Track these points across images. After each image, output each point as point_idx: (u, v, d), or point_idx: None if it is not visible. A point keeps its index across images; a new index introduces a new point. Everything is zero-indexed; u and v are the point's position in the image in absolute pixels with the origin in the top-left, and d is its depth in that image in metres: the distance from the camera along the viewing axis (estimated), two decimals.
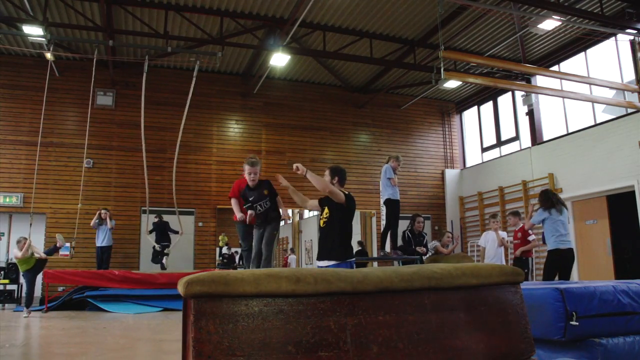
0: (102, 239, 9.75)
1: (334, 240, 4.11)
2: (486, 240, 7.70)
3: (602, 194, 9.87)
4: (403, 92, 13.82)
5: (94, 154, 11.17)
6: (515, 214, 7.70)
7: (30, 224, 8.24)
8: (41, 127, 8.79)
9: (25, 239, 8.01)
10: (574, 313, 2.89)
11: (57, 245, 8.79)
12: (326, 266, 4.04)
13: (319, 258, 4.22)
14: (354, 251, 13.59)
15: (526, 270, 7.48)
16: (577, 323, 2.87)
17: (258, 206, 5.23)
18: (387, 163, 7.09)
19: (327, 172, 4.34)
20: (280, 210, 5.36)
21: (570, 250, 5.82)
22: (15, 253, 8.01)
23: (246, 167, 5.13)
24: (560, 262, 5.78)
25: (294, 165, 4.28)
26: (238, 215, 5.47)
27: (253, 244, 5.42)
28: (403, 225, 7.35)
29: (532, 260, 7.91)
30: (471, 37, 10.94)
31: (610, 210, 9.82)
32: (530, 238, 7.28)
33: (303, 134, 12.91)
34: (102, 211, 9.83)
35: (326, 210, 4.18)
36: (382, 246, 7.46)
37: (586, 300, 2.98)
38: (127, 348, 4.70)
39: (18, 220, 10.94)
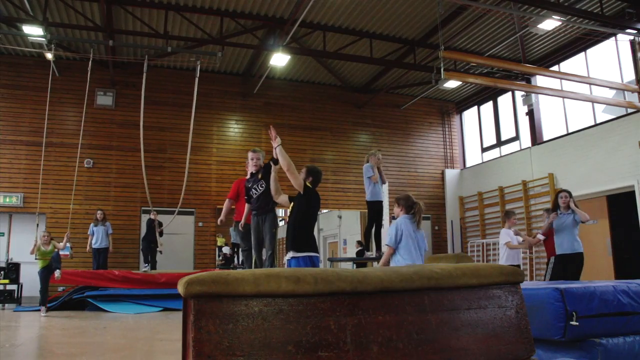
0: (98, 241, 9.67)
1: (294, 232, 4.29)
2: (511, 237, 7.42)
3: (602, 194, 9.87)
4: (403, 92, 13.82)
5: (94, 154, 11.18)
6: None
7: (37, 224, 8.52)
8: (45, 127, 8.81)
9: (49, 234, 8.28)
10: (574, 313, 2.89)
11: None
12: (289, 258, 4.25)
13: (286, 250, 4.40)
14: (356, 251, 13.35)
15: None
16: (577, 323, 2.88)
17: (253, 189, 5.41)
18: (366, 162, 6.68)
19: (303, 170, 4.48)
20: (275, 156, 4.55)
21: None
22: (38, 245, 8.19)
23: (249, 154, 5.55)
24: None
25: (272, 130, 4.35)
26: (228, 217, 5.83)
27: (252, 238, 5.47)
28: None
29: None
30: (471, 37, 10.94)
31: (610, 210, 9.82)
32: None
33: (303, 134, 12.91)
34: (99, 212, 9.79)
35: (291, 204, 4.40)
36: (366, 247, 7.37)
37: (586, 301, 2.98)
38: (127, 348, 4.70)
39: (18, 220, 10.93)
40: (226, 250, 13.39)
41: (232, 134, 12.56)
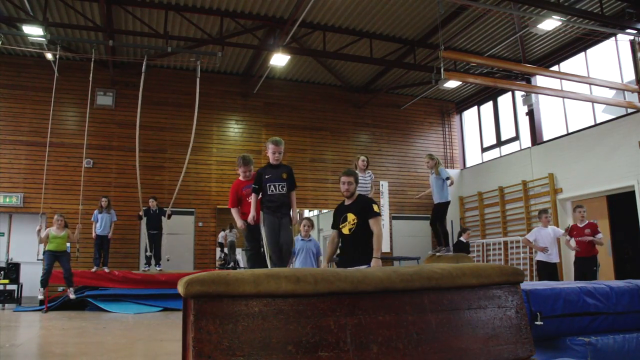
0: (101, 228, 9.37)
1: (366, 242, 4.32)
2: (540, 235, 7.29)
3: (602, 194, 9.87)
4: (403, 92, 13.81)
5: (94, 154, 11.17)
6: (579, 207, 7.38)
7: (41, 226, 8.45)
8: (50, 127, 8.86)
9: (64, 218, 8.28)
10: (538, 313, 2.96)
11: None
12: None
13: (355, 264, 4.12)
14: None
15: (595, 268, 7.03)
16: (542, 323, 2.95)
17: (272, 186, 4.81)
18: (439, 166, 7.26)
19: (351, 179, 4.48)
20: (291, 212, 4.93)
21: None
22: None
23: (270, 146, 4.86)
24: None
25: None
26: (238, 223, 5.08)
27: (267, 237, 4.84)
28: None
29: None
30: (471, 37, 10.94)
31: (610, 210, 9.82)
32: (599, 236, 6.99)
33: (303, 134, 12.91)
34: (103, 199, 9.60)
35: (352, 217, 4.39)
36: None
37: (551, 302, 3.07)
38: (127, 348, 4.70)
39: (18, 220, 10.93)
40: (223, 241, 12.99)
41: (232, 134, 12.56)
